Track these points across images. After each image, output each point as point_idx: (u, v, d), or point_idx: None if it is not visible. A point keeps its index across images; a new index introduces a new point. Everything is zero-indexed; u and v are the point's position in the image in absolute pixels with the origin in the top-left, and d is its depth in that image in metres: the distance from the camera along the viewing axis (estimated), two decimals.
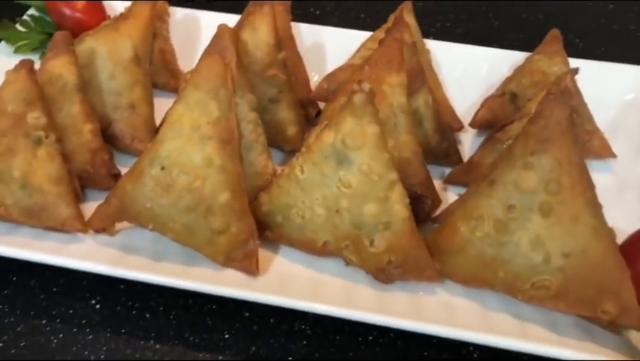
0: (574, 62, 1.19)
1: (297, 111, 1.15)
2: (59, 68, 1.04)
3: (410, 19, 1.22)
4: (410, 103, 1.06)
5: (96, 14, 1.30)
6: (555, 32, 1.26)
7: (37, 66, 1.03)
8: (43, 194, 0.95)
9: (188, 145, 0.93)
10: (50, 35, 1.29)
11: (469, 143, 1.23)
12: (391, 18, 1.24)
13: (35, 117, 0.96)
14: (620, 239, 0.94)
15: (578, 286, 0.88)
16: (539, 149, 0.88)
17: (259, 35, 1.08)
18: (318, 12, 1.61)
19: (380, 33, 1.21)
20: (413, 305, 0.94)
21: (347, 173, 0.91)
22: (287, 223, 0.98)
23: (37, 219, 0.96)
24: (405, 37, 1.07)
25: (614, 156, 1.18)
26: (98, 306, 0.98)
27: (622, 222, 0.96)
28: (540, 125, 0.89)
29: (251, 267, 0.95)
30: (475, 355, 0.95)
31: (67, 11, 1.29)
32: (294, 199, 0.96)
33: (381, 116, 0.95)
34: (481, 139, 1.18)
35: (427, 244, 0.96)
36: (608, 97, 1.24)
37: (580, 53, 1.46)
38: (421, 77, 1.10)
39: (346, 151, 0.91)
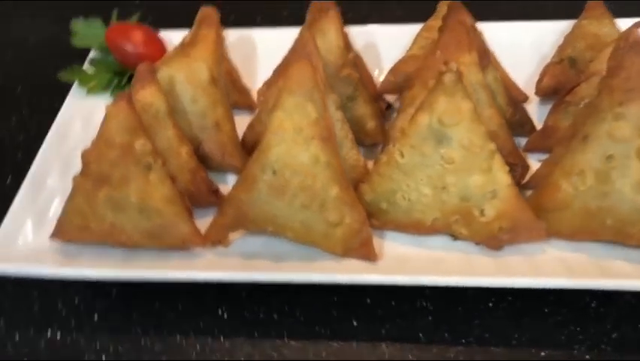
0: (620, 22, 1.25)
1: (373, 106, 1.20)
2: (149, 97, 1.08)
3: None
4: None
5: (156, 47, 1.36)
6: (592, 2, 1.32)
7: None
8: (162, 215, 0.99)
9: (295, 147, 0.97)
10: (115, 73, 1.35)
11: (534, 112, 1.28)
12: (441, 4, 1.30)
13: (142, 144, 1.00)
14: None
15: None
16: (626, 99, 0.93)
17: (329, 39, 1.14)
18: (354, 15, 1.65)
19: (434, 22, 1.27)
20: (530, 265, 0.98)
21: (448, 150, 0.96)
22: (392, 208, 1.02)
23: (158, 239, 1.00)
24: (466, 19, 1.13)
25: None
26: (225, 316, 1.02)
27: None
28: (622, 77, 0.94)
29: (369, 253, 0.99)
30: (593, 304, 0.99)
31: (129, 47, 1.34)
32: (398, 184, 1.00)
33: None
34: (544, 107, 1.24)
35: (530, 207, 1.00)
36: None
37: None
38: (487, 55, 1.15)
39: (444, 129, 0.95)
